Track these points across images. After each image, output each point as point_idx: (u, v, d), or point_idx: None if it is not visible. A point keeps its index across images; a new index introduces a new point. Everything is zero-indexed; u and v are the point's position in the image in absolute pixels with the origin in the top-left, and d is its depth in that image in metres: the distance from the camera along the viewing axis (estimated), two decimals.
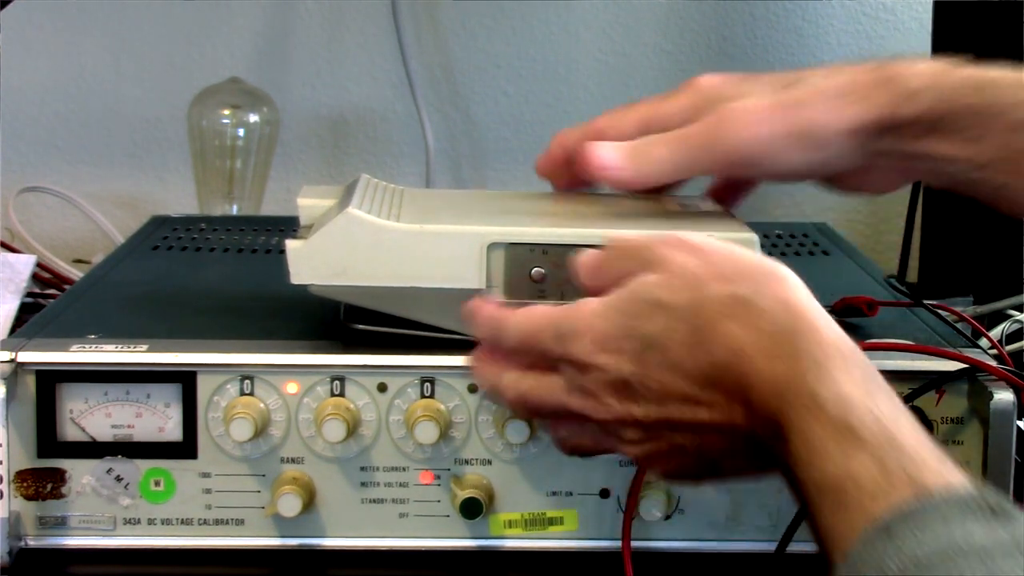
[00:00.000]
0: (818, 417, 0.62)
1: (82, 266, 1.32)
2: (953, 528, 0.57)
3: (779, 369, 0.64)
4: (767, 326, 0.65)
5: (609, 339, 0.68)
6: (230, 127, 1.42)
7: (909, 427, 0.62)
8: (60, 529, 0.83)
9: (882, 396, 0.63)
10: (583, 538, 0.84)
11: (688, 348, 0.66)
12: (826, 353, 0.64)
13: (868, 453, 0.60)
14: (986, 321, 1.14)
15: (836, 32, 1.52)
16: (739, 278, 0.67)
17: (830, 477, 0.61)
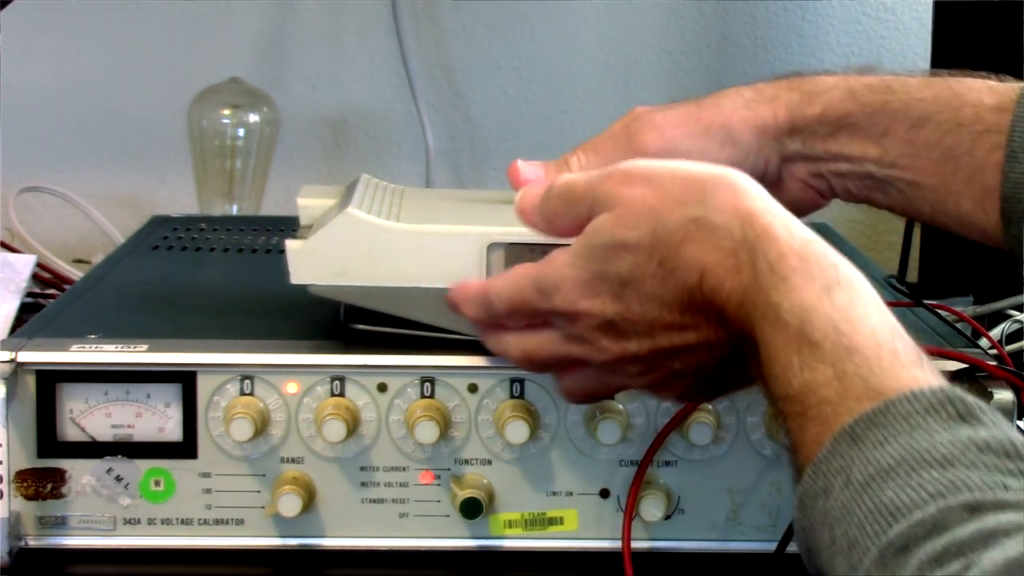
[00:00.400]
0: (780, 330, 0.63)
1: (82, 266, 1.32)
2: (917, 434, 0.57)
3: (741, 283, 0.65)
4: (725, 242, 0.66)
5: (586, 286, 0.70)
6: (230, 127, 1.42)
7: (870, 330, 0.62)
8: (60, 529, 0.83)
9: (842, 297, 0.63)
10: (583, 538, 0.84)
11: (660, 279, 0.68)
12: (784, 260, 0.64)
13: (827, 363, 0.61)
14: (986, 321, 1.14)
15: (836, 32, 1.52)
16: (690, 198, 0.68)
17: (794, 389, 0.62)
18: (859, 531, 0.56)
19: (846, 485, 0.57)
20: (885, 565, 0.54)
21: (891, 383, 0.59)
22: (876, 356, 0.61)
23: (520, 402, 0.82)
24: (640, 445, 0.83)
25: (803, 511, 0.60)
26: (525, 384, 0.82)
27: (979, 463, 0.56)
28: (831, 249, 0.66)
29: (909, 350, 0.62)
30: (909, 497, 0.55)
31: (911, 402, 0.58)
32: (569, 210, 0.73)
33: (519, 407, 0.82)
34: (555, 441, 0.83)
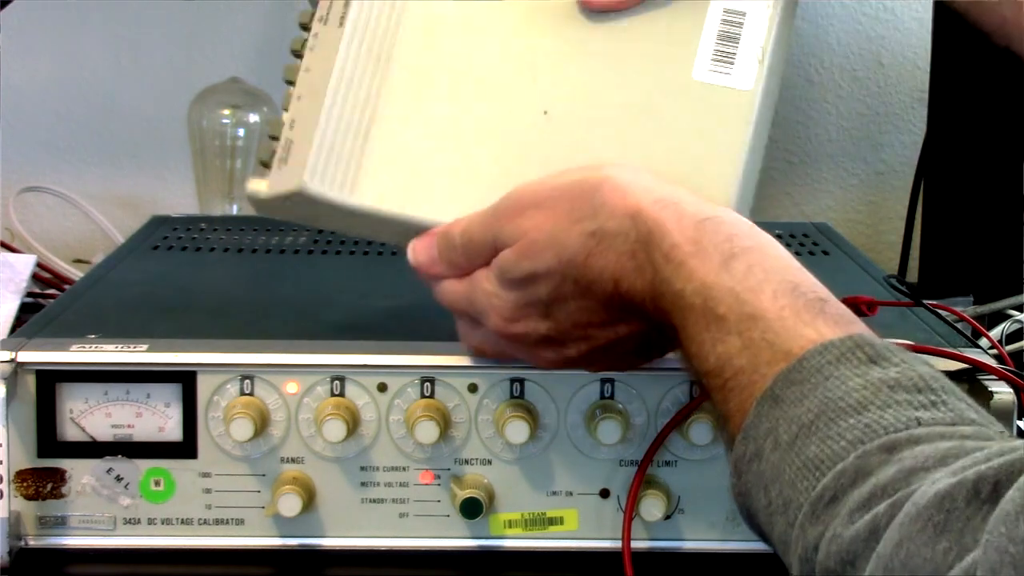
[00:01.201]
0: (688, 312, 0.65)
1: (82, 266, 1.32)
2: (831, 384, 0.59)
3: (647, 281, 0.68)
4: (624, 246, 0.69)
5: (513, 314, 0.74)
6: (230, 127, 1.41)
7: (771, 294, 0.64)
8: (60, 529, 0.83)
9: (739, 268, 0.65)
10: (583, 538, 0.84)
11: (580, 295, 0.71)
12: (677, 249, 0.67)
13: (734, 333, 0.63)
14: (986, 321, 1.14)
15: (836, 32, 1.52)
16: (582, 213, 0.70)
17: (711, 364, 0.64)
18: (791, 489, 0.58)
19: (775, 447, 0.59)
20: (818, 518, 0.56)
21: (798, 342, 0.62)
22: (778, 318, 0.63)
23: (520, 402, 0.82)
24: (640, 445, 0.83)
25: (739, 477, 0.62)
26: (525, 384, 0.82)
27: (891, 402, 0.58)
28: (728, 220, 0.68)
29: (812, 304, 0.64)
30: (831, 449, 0.57)
31: (821, 355, 0.60)
32: (479, 256, 0.75)
33: (519, 407, 0.82)
34: (555, 441, 0.83)
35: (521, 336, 0.75)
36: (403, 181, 0.78)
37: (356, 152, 0.77)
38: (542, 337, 0.74)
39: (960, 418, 0.58)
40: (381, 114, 0.78)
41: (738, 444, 0.62)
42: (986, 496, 0.51)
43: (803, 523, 0.57)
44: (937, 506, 0.52)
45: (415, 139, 0.78)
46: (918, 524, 0.52)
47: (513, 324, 0.74)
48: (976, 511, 0.51)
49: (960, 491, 0.52)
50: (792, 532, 0.58)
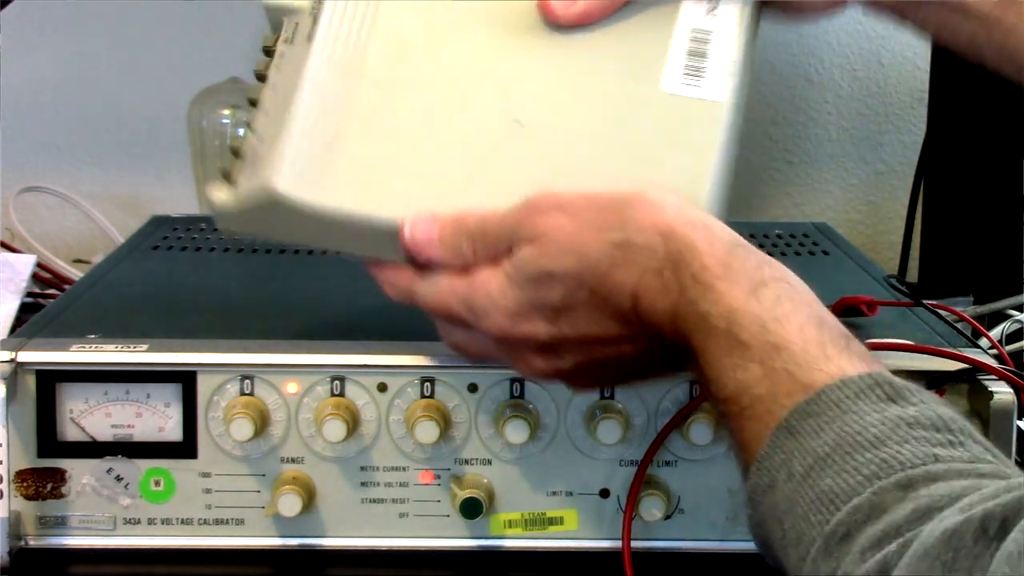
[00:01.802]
0: (711, 336, 0.64)
1: (82, 266, 1.32)
2: (848, 418, 0.58)
3: (671, 300, 0.66)
4: (650, 262, 0.67)
5: (518, 314, 0.71)
6: (230, 127, 1.41)
7: (797, 326, 0.63)
8: (60, 529, 0.83)
9: (768, 296, 0.64)
10: (583, 538, 0.84)
11: (594, 306, 0.69)
12: (707, 271, 0.65)
13: (756, 361, 0.62)
14: (986, 321, 1.14)
15: (836, 32, 1.52)
16: (609, 223, 0.69)
17: (730, 391, 0.63)
18: (804, 522, 0.57)
19: (788, 478, 0.59)
20: (831, 554, 0.56)
21: (818, 376, 0.61)
22: (803, 350, 0.62)
23: (520, 402, 0.82)
24: (640, 445, 0.83)
25: (753, 507, 0.62)
26: (525, 384, 0.82)
27: (909, 438, 0.57)
28: (756, 250, 0.67)
29: (837, 340, 0.63)
30: (846, 483, 0.56)
31: (840, 389, 0.60)
32: (489, 248, 0.72)
33: (519, 407, 0.82)
34: (555, 441, 0.83)
35: (521, 340, 0.72)
36: (375, 184, 0.76)
37: (327, 157, 0.76)
38: (541, 344, 0.72)
39: (978, 457, 0.57)
40: (352, 122, 0.77)
41: (753, 474, 0.61)
42: (994, 533, 0.51)
43: (815, 558, 0.56)
44: (945, 544, 0.51)
45: (387, 146, 0.77)
46: (926, 562, 0.51)
47: (517, 325, 0.72)
48: (984, 549, 0.51)
49: (968, 529, 0.51)
50: (804, 567, 0.57)
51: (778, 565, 0.61)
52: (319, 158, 0.76)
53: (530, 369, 0.74)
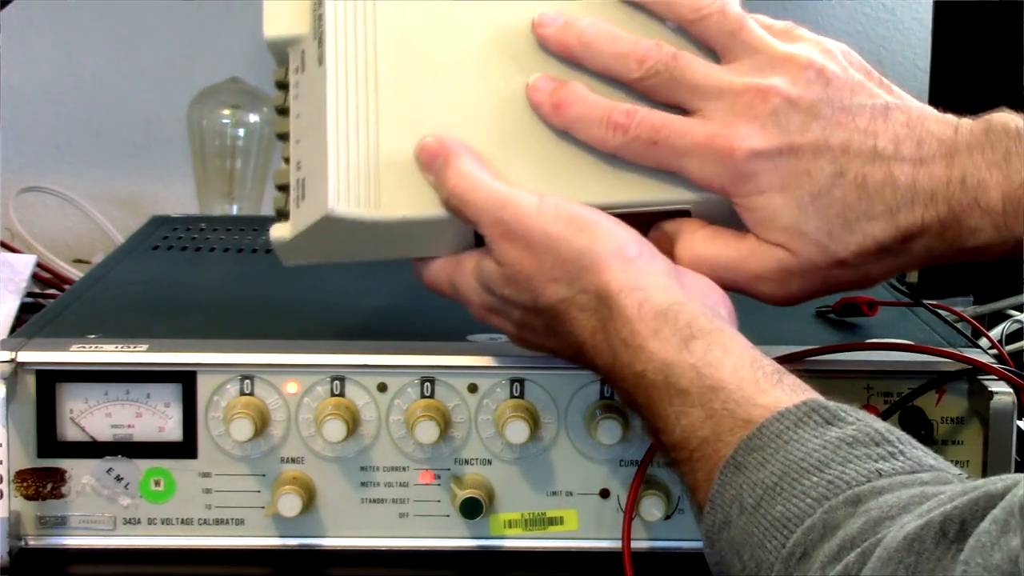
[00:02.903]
0: (651, 390, 0.67)
1: (82, 266, 1.33)
2: (791, 447, 0.61)
3: (608, 362, 0.71)
4: (589, 323, 0.71)
5: (491, 309, 0.77)
6: (230, 127, 1.42)
7: (731, 368, 0.66)
8: (60, 529, 0.83)
9: (699, 346, 0.67)
10: (583, 538, 0.84)
11: (549, 335, 0.75)
12: (636, 335, 0.69)
13: (696, 405, 0.65)
14: (986, 321, 1.14)
15: (836, 32, 1.52)
16: (561, 276, 0.72)
17: (676, 437, 0.66)
18: (761, 550, 0.59)
19: (741, 512, 0.61)
20: (791, 574, 0.57)
21: (756, 411, 0.63)
22: (739, 389, 0.65)
23: (520, 402, 0.82)
24: (640, 445, 0.82)
25: (712, 546, 0.63)
26: (525, 384, 0.82)
27: (851, 457, 0.59)
28: (691, 309, 0.69)
29: (769, 376, 0.66)
30: (797, 507, 0.58)
31: (780, 421, 0.62)
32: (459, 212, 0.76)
33: (519, 407, 0.82)
34: (555, 441, 0.83)
35: (496, 325, 0.79)
36: (418, 184, 0.78)
37: (368, 167, 0.78)
38: (513, 336, 0.79)
39: (918, 465, 0.59)
40: (383, 131, 0.78)
41: (707, 514, 0.63)
42: (953, 536, 0.52)
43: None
44: (907, 549, 0.53)
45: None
46: (889, 568, 0.53)
47: (489, 317, 0.78)
48: (945, 551, 0.52)
49: (928, 533, 0.53)
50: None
51: None
52: (361, 170, 0.77)
53: (518, 343, 0.79)
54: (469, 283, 0.77)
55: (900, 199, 0.73)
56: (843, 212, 0.73)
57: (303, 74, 0.81)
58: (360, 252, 0.80)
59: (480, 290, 0.77)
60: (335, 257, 0.81)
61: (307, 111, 0.80)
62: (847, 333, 0.90)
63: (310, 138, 0.79)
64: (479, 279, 0.77)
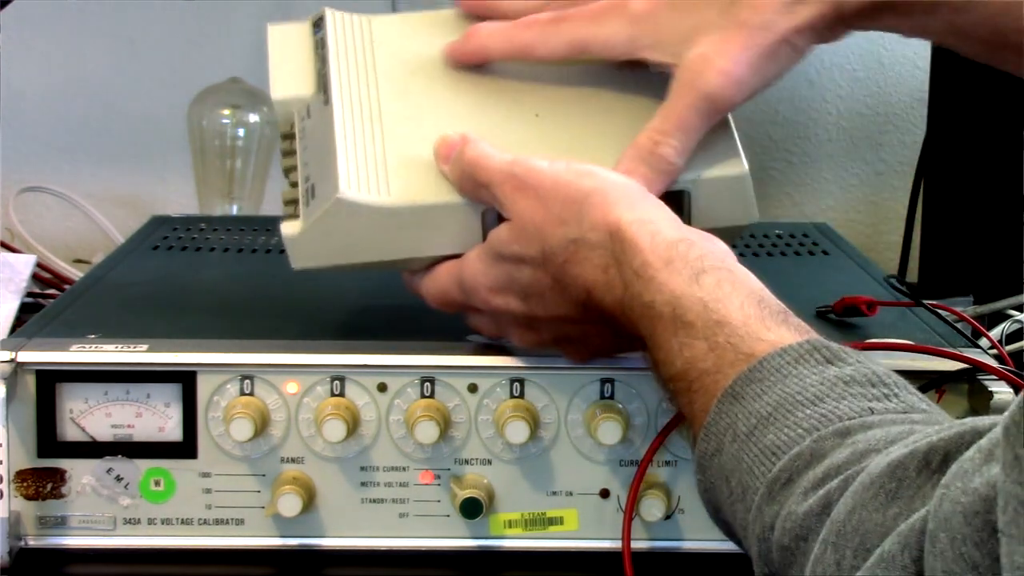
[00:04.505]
0: (657, 321, 0.68)
1: (82, 266, 1.32)
2: (789, 381, 0.62)
3: (617, 295, 0.71)
4: (599, 260, 0.72)
5: (496, 289, 0.78)
6: (230, 127, 1.41)
7: (738, 304, 0.67)
8: (60, 529, 0.83)
9: (709, 281, 0.68)
10: (583, 538, 0.84)
11: (556, 292, 0.75)
12: (648, 266, 0.70)
13: (701, 338, 0.66)
14: (986, 321, 1.14)
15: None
16: (569, 217, 0.74)
17: (677, 369, 0.67)
18: (749, 476, 0.61)
19: (734, 439, 0.62)
20: (774, 499, 0.59)
21: (760, 346, 0.65)
22: (744, 324, 0.66)
23: (520, 402, 0.82)
24: (640, 445, 0.83)
25: (702, 473, 0.65)
26: (525, 384, 0.82)
27: (846, 395, 0.61)
28: (702, 243, 0.71)
29: (776, 314, 0.67)
30: (788, 436, 0.60)
31: (781, 356, 0.64)
32: (473, 188, 0.78)
33: (519, 407, 0.82)
34: (555, 441, 0.83)
35: (502, 313, 0.78)
36: (429, 175, 0.81)
37: (375, 163, 0.81)
38: (519, 319, 0.78)
39: (911, 408, 0.61)
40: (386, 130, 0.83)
41: (700, 441, 0.65)
42: (936, 466, 0.53)
43: (760, 505, 0.60)
44: (889, 475, 0.54)
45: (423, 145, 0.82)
46: (871, 491, 0.54)
47: (496, 299, 0.78)
48: (926, 480, 0.53)
49: (912, 461, 0.54)
50: (750, 516, 0.60)
51: (727, 529, 0.65)
52: (370, 165, 0.81)
53: (519, 340, 0.80)
54: (475, 267, 0.78)
55: None
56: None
57: (308, 120, 0.85)
58: (368, 250, 0.81)
59: (488, 265, 0.77)
60: (343, 257, 0.81)
61: (315, 139, 0.83)
62: (847, 333, 0.90)
63: (319, 154, 0.82)
64: (487, 252, 0.77)
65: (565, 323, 0.77)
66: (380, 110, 0.84)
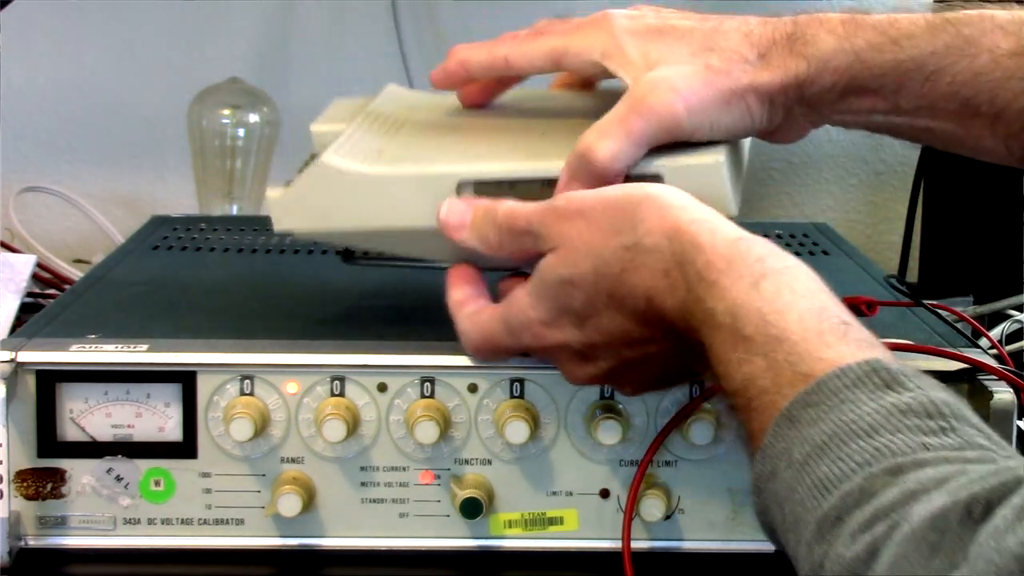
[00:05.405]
0: (717, 331, 0.67)
1: (82, 266, 1.32)
2: (846, 408, 0.60)
3: (679, 299, 0.69)
4: (658, 264, 0.70)
5: (549, 323, 0.75)
6: (230, 127, 1.42)
7: (797, 316, 0.65)
8: (60, 529, 0.83)
9: (769, 288, 0.66)
10: (583, 538, 0.84)
11: (613, 309, 0.73)
12: (711, 267, 0.68)
13: (760, 355, 0.64)
14: (986, 321, 1.14)
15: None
16: (622, 226, 0.72)
17: (737, 384, 0.65)
18: (801, 507, 0.59)
19: (788, 465, 0.61)
20: (823, 537, 0.58)
21: (818, 365, 0.63)
22: (803, 340, 0.64)
23: (520, 402, 0.82)
24: (640, 445, 0.83)
25: (758, 495, 0.64)
26: (525, 384, 0.82)
27: (902, 427, 0.59)
28: (759, 242, 0.69)
29: (836, 328, 0.65)
30: (840, 469, 0.59)
31: (839, 378, 0.62)
32: (514, 241, 0.77)
33: (519, 407, 0.82)
34: (555, 441, 0.83)
35: (556, 348, 0.76)
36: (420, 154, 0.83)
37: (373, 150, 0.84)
38: (575, 351, 0.76)
39: (967, 443, 0.59)
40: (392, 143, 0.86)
41: (756, 463, 0.63)
42: (978, 516, 0.52)
43: (810, 542, 0.58)
44: (931, 526, 0.53)
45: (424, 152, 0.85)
46: (913, 544, 0.53)
47: (549, 334, 0.75)
48: (968, 531, 0.52)
49: (954, 511, 0.53)
50: (800, 550, 0.59)
51: (781, 548, 0.63)
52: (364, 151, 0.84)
53: (573, 376, 0.78)
54: (522, 303, 0.76)
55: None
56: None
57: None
58: (346, 217, 0.82)
59: (536, 298, 0.75)
60: (322, 222, 0.83)
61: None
62: None
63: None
64: (534, 286, 0.75)
65: (624, 345, 0.75)
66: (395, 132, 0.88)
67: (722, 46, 0.80)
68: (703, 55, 0.80)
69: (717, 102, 0.79)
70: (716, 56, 0.80)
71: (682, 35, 0.81)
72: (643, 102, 0.78)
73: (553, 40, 0.84)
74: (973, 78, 0.79)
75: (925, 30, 0.80)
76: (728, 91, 0.79)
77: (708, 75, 0.79)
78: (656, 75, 0.79)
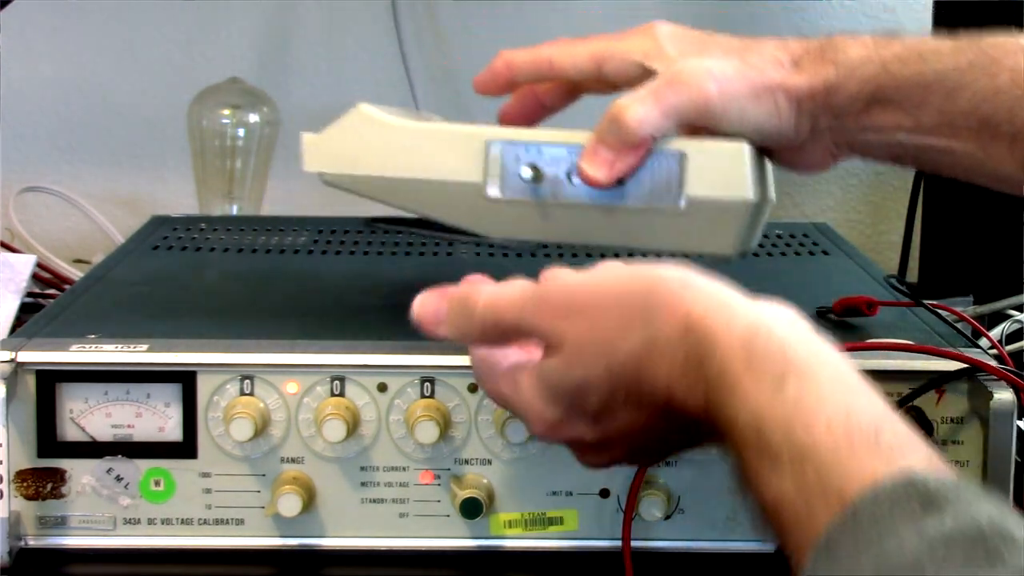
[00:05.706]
0: (742, 443, 0.62)
1: (82, 266, 1.32)
2: (885, 541, 0.57)
3: (700, 401, 0.64)
4: (677, 357, 0.65)
5: (561, 422, 0.70)
6: (230, 127, 1.41)
7: (824, 423, 0.60)
8: (60, 529, 0.83)
9: (793, 390, 0.62)
10: (583, 538, 0.84)
11: (632, 407, 0.68)
12: (729, 366, 0.63)
13: (787, 474, 0.60)
14: (986, 321, 1.14)
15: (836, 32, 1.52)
16: (633, 322, 0.67)
17: (769, 501, 0.61)
18: None
19: None
20: None
21: (850, 485, 0.59)
22: (832, 452, 0.60)
23: None
24: None
25: None
26: None
27: (948, 559, 0.55)
28: (778, 324, 0.64)
29: (866, 433, 0.60)
30: None
31: (875, 504, 0.58)
32: (500, 337, 0.72)
33: None
34: None
35: (569, 441, 0.72)
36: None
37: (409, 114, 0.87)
38: (588, 444, 0.72)
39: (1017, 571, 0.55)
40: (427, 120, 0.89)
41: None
42: None
43: None
44: None
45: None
46: None
47: (561, 432, 0.71)
48: None
49: None
50: None
51: None
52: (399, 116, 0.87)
53: (588, 464, 0.73)
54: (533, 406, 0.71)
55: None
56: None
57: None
58: (375, 164, 0.84)
59: (546, 403, 0.70)
60: (351, 167, 0.85)
61: None
62: (847, 333, 0.90)
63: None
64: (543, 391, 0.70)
65: (642, 435, 0.70)
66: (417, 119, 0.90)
67: (758, 51, 0.84)
68: (739, 54, 0.83)
69: (748, 93, 0.81)
70: (752, 55, 0.83)
71: (720, 43, 0.85)
72: (678, 77, 0.81)
73: (598, 43, 0.87)
74: (993, 95, 0.79)
75: (951, 48, 0.82)
76: (760, 85, 0.81)
77: (743, 68, 0.82)
78: (693, 60, 0.83)
